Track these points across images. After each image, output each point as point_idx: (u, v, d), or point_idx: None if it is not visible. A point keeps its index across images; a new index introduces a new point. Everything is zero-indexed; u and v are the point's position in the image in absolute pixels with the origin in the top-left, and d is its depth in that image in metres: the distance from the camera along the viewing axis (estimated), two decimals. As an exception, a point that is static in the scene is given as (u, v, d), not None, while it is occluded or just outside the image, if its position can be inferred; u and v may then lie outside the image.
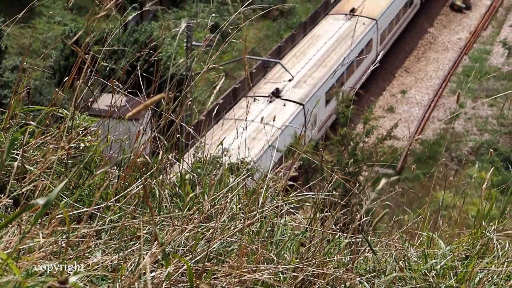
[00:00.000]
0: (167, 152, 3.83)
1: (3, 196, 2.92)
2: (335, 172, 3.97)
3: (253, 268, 3.03)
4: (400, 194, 18.33)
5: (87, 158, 3.53)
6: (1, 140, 3.56)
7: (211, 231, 3.09)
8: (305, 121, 29.58)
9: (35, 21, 32.47)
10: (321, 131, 30.53)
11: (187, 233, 3.03)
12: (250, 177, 4.00)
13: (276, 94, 30.81)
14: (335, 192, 3.82)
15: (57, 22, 33.26)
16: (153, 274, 2.72)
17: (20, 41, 31.23)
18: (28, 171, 3.28)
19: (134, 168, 3.53)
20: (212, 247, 3.04)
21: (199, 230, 3.08)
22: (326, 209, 3.69)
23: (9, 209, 3.13)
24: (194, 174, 3.81)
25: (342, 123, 27.96)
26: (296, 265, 3.17)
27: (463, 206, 4.30)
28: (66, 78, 3.78)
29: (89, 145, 3.70)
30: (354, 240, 3.46)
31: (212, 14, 4.67)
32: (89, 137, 3.76)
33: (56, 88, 3.98)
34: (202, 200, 3.43)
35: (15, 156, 3.34)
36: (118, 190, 3.38)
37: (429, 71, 40.40)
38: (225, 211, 3.34)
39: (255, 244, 3.19)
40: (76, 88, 3.61)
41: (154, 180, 3.54)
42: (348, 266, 3.32)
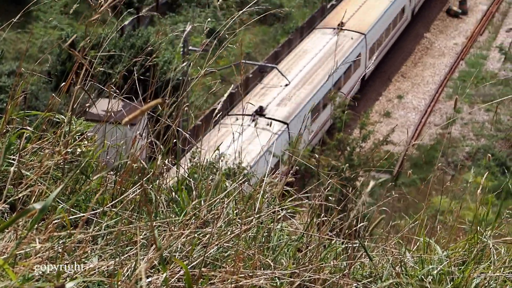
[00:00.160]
0: (164, 157, 3.82)
1: (0, 202, 2.92)
2: (331, 177, 3.97)
3: (250, 274, 3.03)
4: (397, 199, 18.33)
5: (84, 163, 3.53)
6: (-2, 145, 3.55)
7: (208, 237, 3.09)
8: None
9: (32, 26, 32.47)
10: (318, 136, 30.23)
11: (184, 239, 3.03)
12: (247, 183, 4.00)
13: (260, 113, 29.48)
14: (331, 198, 3.82)
15: (54, 27, 33.22)
16: (150, 280, 2.72)
17: (17, 46, 31.20)
18: (25, 176, 3.27)
19: (131, 174, 3.53)
20: (209, 253, 3.04)
21: (196, 236, 3.08)
22: (323, 215, 3.69)
23: (6, 215, 3.13)
24: (191, 179, 3.81)
25: (339, 128, 27.99)
26: (293, 271, 3.16)
27: (460, 212, 4.31)
28: (63, 83, 3.77)
29: (86, 150, 3.70)
30: (351, 246, 3.46)
31: (208, 19, 4.68)
32: (86, 142, 3.75)
33: (53, 93, 3.98)
34: (199, 206, 3.43)
35: (12, 161, 3.34)
36: (115, 196, 3.38)
37: (426, 76, 40.44)
38: (222, 217, 3.33)
39: (252, 250, 3.19)
40: (73, 93, 3.61)
41: (151, 185, 3.54)
42: (345, 272, 3.32)
